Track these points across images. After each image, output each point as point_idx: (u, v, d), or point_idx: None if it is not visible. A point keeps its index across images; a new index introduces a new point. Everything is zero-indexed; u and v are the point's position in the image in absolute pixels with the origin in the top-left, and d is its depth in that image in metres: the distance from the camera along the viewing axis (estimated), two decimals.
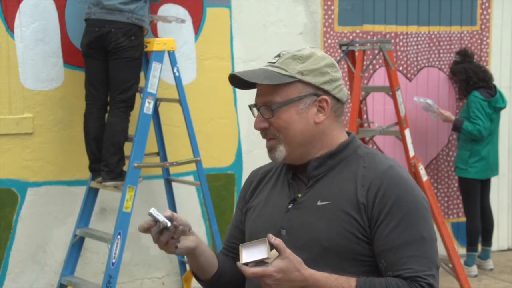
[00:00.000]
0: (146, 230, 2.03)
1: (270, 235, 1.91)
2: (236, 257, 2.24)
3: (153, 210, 1.99)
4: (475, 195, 6.21)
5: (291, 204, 2.12)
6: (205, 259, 2.19)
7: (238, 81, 2.14)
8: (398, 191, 2.03)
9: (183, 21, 5.30)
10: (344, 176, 2.09)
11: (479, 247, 6.36)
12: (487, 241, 6.36)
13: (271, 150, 2.14)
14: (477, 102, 6.08)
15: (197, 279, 2.25)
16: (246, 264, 1.91)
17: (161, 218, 1.99)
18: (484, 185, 6.29)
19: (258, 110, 2.12)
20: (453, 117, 6.19)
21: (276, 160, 2.14)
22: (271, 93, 2.10)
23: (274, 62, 2.12)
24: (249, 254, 1.91)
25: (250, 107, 2.16)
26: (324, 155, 2.12)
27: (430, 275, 1.99)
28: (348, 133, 2.19)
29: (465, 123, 6.08)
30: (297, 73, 2.09)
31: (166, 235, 2.02)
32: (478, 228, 6.22)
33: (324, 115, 2.12)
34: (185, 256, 5.33)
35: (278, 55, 2.15)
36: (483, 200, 6.32)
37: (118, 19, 4.71)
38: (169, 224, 1.99)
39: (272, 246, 1.91)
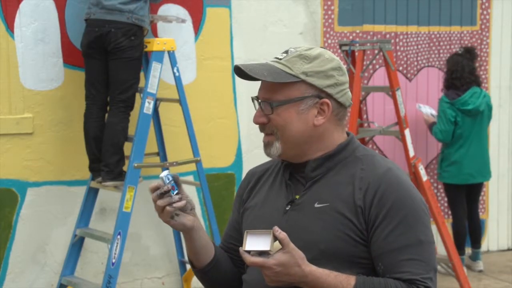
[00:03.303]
0: (154, 189, 2.03)
1: (276, 228, 1.92)
2: (234, 257, 2.25)
3: (164, 174, 2.02)
4: (453, 198, 6.20)
5: (289, 206, 2.11)
6: (201, 245, 2.16)
7: (243, 72, 2.10)
8: (396, 194, 2.02)
9: (183, 21, 5.30)
10: (342, 178, 2.08)
11: (471, 250, 6.37)
12: (475, 243, 6.36)
13: (267, 145, 2.12)
14: (440, 105, 6.07)
15: (193, 267, 2.23)
16: (248, 251, 1.93)
17: (167, 182, 2.01)
18: (470, 190, 6.25)
19: (259, 104, 2.11)
20: (430, 121, 6.17)
21: (271, 156, 2.13)
22: (273, 90, 2.08)
23: (281, 59, 2.10)
24: (253, 242, 1.93)
25: (253, 99, 2.14)
26: (322, 156, 2.11)
27: (428, 278, 1.99)
28: (347, 134, 2.18)
29: (434, 126, 6.10)
30: (302, 73, 2.07)
31: (165, 201, 2.01)
32: (461, 231, 6.20)
33: (324, 118, 2.09)
34: (185, 256, 5.28)
35: (286, 52, 2.12)
36: (469, 204, 6.30)
37: (118, 19, 4.71)
38: (174, 192, 2.02)
39: (276, 239, 1.93)
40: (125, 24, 4.71)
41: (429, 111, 6.26)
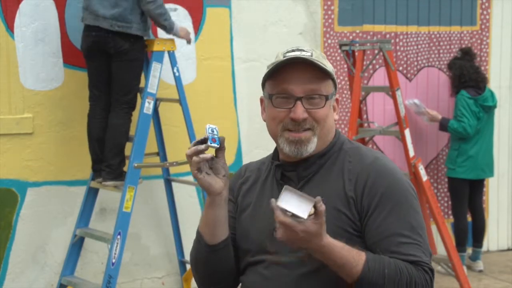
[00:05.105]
0: (197, 143, 2.04)
1: (319, 199, 1.87)
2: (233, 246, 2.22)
3: (209, 125, 2.03)
4: (462, 195, 6.20)
5: None
6: (221, 217, 2.11)
7: (275, 70, 2.09)
8: (385, 182, 2.05)
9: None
10: (332, 173, 2.11)
11: (472, 249, 6.37)
12: (478, 242, 6.35)
13: (302, 142, 2.09)
14: (463, 100, 6.08)
15: (204, 244, 2.13)
16: (282, 209, 1.87)
17: (209, 132, 2.02)
18: (476, 186, 6.27)
19: (300, 99, 2.07)
20: (439, 116, 6.20)
21: (304, 154, 2.09)
22: (317, 84, 2.09)
23: (311, 54, 2.09)
24: (289, 201, 1.87)
25: (283, 95, 2.09)
26: (314, 156, 2.13)
27: (428, 261, 2.02)
28: None
29: (450, 121, 6.10)
30: (332, 70, 2.13)
31: (193, 149, 2.02)
32: (464, 229, 6.21)
33: (337, 114, 2.18)
34: (185, 256, 5.22)
35: (301, 50, 2.11)
36: (475, 201, 6.31)
37: (104, 26, 4.66)
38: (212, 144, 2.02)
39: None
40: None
41: (415, 101, 6.29)
